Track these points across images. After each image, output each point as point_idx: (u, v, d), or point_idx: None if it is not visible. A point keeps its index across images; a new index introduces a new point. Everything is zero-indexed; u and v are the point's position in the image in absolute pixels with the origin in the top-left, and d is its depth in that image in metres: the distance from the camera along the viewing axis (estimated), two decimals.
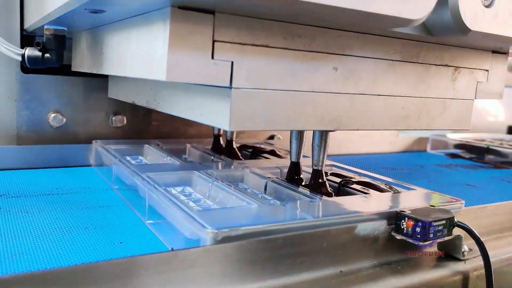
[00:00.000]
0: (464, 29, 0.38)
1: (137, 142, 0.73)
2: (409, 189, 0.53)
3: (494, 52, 0.52)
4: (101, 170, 0.67)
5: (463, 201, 0.49)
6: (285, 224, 0.37)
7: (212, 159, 0.65)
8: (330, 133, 0.50)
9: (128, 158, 0.64)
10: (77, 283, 0.27)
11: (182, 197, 0.50)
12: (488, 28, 0.39)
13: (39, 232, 0.42)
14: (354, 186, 0.53)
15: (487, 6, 0.39)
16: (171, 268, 0.31)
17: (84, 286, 0.27)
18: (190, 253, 0.32)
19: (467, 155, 1.10)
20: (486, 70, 0.52)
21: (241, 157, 0.69)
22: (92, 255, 0.37)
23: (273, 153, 0.71)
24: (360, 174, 0.60)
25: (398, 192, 0.51)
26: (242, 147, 0.74)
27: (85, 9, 0.36)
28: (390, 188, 0.53)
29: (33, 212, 0.48)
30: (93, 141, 0.71)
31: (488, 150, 1.06)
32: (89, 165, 0.71)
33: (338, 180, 0.55)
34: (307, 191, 0.48)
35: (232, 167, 0.59)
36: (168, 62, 0.32)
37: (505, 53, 0.53)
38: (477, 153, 1.08)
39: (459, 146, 1.13)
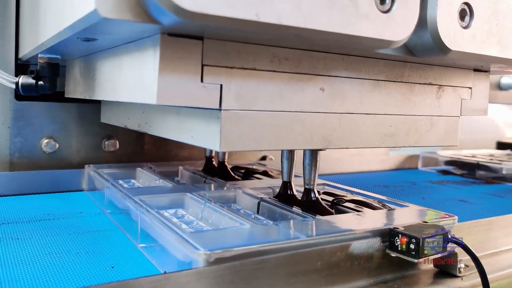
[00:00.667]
0: (444, 49, 0.40)
1: (129, 165, 0.74)
2: (402, 206, 0.54)
3: (475, 70, 0.53)
4: (94, 195, 0.67)
5: (456, 217, 0.49)
6: (278, 243, 0.38)
7: (205, 181, 0.66)
8: (321, 153, 0.51)
9: (120, 181, 0.65)
10: None
11: (175, 220, 0.50)
12: (467, 48, 0.41)
13: (29, 258, 0.42)
14: (347, 204, 0.53)
15: (465, 28, 0.41)
16: None
17: None
18: (182, 275, 0.32)
19: (458, 171, 1.12)
20: (470, 88, 0.53)
21: (235, 177, 0.69)
22: (83, 281, 0.37)
23: (265, 173, 0.71)
24: (352, 192, 0.60)
25: (392, 209, 0.52)
26: (235, 168, 0.75)
27: (78, 38, 0.37)
28: (383, 205, 0.53)
29: (23, 239, 0.47)
30: (86, 166, 0.71)
31: (478, 166, 1.07)
32: (82, 190, 0.72)
33: (330, 198, 0.56)
34: (299, 210, 0.48)
35: (225, 188, 0.60)
36: (158, 86, 0.33)
37: (487, 71, 0.55)
38: (468, 169, 1.10)
39: (450, 162, 1.15)
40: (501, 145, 1.52)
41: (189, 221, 0.50)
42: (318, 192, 0.53)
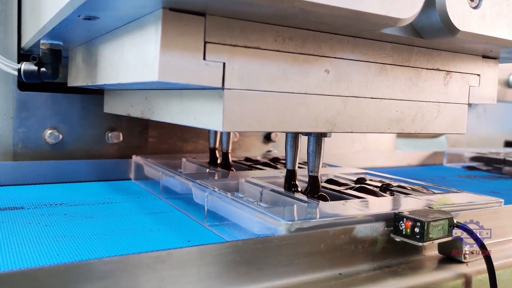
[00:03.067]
0: (453, 30, 0.39)
1: (172, 156, 0.77)
2: (448, 191, 0.56)
3: (484, 57, 0.52)
4: (144, 182, 0.71)
5: (502, 200, 0.51)
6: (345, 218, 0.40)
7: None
8: (325, 148, 0.50)
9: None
10: (69, 281, 0.27)
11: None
12: (476, 29, 0.40)
13: (107, 233, 0.45)
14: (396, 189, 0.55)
15: (475, 8, 0.40)
16: (164, 267, 0.30)
17: (76, 284, 0.27)
18: (183, 252, 0.31)
19: (484, 167, 1.14)
20: (478, 75, 0.52)
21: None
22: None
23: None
24: (395, 180, 0.62)
25: (450, 191, 0.54)
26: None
27: (79, 16, 0.36)
28: (431, 191, 0.55)
29: (96, 217, 0.51)
30: (133, 156, 0.75)
31: (505, 162, 1.10)
32: (88, 181, 0.71)
33: (378, 185, 0.57)
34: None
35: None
36: (160, 63, 0.32)
37: (496, 58, 0.53)
38: (494, 165, 1.12)
39: (476, 159, 1.17)
40: (509, 144, 1.51)
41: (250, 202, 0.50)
42: (364, 179, 0.59)
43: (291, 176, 0.54)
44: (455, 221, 0.41)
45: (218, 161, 0.72)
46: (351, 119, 0.43)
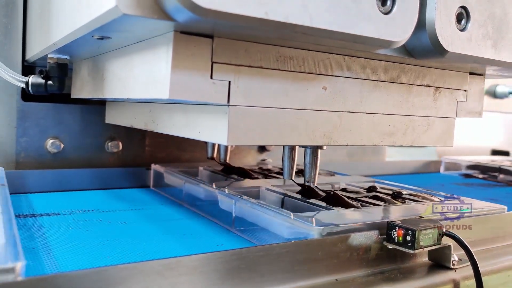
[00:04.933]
0: (442, 51, 0.42)
1: (190, 165, 0.79)
2: (453, 198, 0.60)
3: (471, 73, 0.55)
4: (164, 190, 0.74)
5: (505, 207, 0.55)
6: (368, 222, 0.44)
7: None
8: (320, 155, 0.53)
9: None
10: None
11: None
12: (463, 50, 0.43)
13: (146, 238, 0.49)
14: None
15: (462, 30, 0.43)
16: (174, 274, 0.32)
17: None
18: (191, 259, 0.33)
19: (480, 175, 1.18)
20: (465, 90, 0.55)
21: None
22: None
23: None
24: (402, 187, 0.66)
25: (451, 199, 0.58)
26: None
27: (93, 36, 0.39)
28: (439, 198, 0.59)
29: (130, 223, 0.55)
30: (152, 165, 0.78)
31: (500, 170, 1.14)
32: (86, 189, 0.73)
33: (389, 193, 0.62)
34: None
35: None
36: (171, 82, 0.35)
37: (482, 74, 0.57)
38: (489, 173, 1.16)
39: (472, 167, 1.21)
40: (495, 153, 1.55)
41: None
42: (375, 187, 0.64)
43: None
44: (444, 229, 0.44)
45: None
46: (347, 133, 0.45)
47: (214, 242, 0.48)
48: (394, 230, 0.42)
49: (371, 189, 0.64)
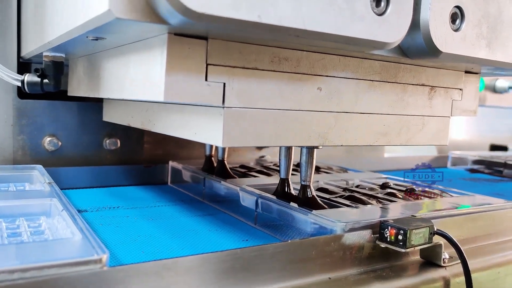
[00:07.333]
0: (436, 51, 0.42)
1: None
2: (463, 195, 0.64)
3: (466, 72, 0.56)
4: (182, 186, 0.76)
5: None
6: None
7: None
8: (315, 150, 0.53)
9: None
10: None
11: None
12: (457, 50, 0.43)
13: (174, 233, 0.50)
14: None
15: (456, 30, 0.43)
16: (171, 274, 0.33)
17: None
18: (186, 260, 0.34)
19: (486, 170, 1.21)
20: (460, 89, 0.56)
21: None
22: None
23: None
24: (414, 184, 0.69)
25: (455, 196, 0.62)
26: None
27: (87, 37, 0.39)
28: (450, 195, 0.62)
29: (156, 219, 0.56)
30: (170, 162, 0.79)
31: (505, 165, 1.17)
32: (85, 187, 0.73)
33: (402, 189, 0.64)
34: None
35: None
36: (165, 84, 0.35)
37: (477, 73, 0.57)
38: (495, 168, 1.20)
39: (478, 162, 1.25)
40: (494, 148, 1.56)
41: None
42: (388, 183, 0.67)
43: (284, 184, 0.56)
44: (435, 228, 0.44)
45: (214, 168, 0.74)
46: (342, 133, 0.45)
47: (239, 237, 0.50)
48: (386, 230, 0.43)
49: (384, 185, 0.67)
